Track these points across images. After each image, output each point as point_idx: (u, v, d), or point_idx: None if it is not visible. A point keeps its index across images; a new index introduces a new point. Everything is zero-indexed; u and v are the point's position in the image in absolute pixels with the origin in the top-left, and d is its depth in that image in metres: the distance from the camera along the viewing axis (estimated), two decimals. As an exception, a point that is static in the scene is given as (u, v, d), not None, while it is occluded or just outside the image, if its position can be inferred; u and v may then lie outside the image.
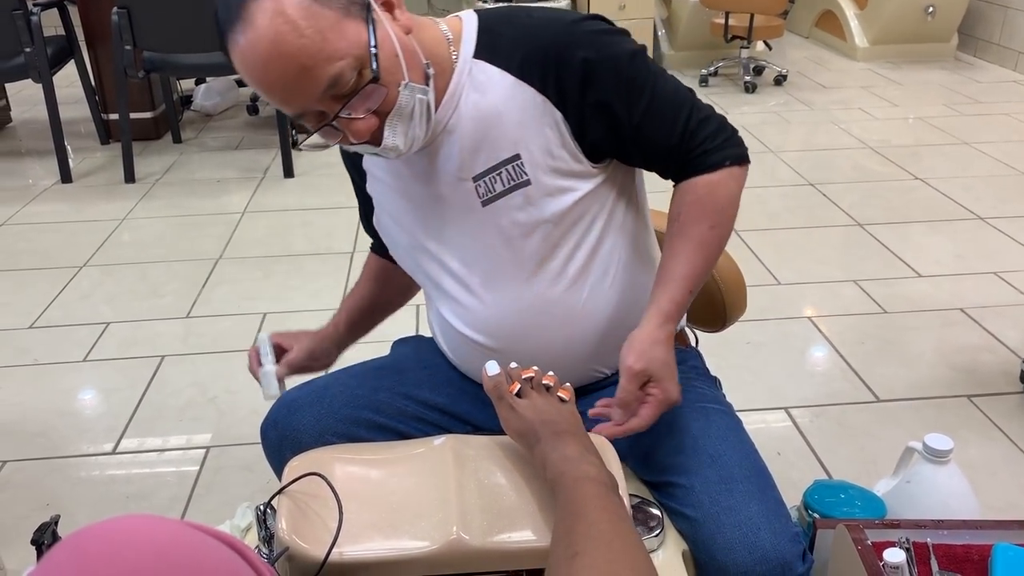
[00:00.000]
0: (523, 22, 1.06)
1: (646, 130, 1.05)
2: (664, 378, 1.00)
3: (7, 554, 1.55)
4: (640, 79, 1.04)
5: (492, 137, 1.05)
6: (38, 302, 2.61)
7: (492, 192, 1.07)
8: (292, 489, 0.95)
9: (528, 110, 1.04)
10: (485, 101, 1.04)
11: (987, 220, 3.04)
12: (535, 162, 1.05)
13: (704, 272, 1.06)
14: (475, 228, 1.09)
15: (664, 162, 1.08)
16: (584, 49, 1.02)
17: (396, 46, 0.95)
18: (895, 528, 1.04)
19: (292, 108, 0.94)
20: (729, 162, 1.07)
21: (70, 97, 4.52)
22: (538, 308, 1.10)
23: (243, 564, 0.55)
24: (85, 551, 0.50)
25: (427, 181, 1.10)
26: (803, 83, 5.01)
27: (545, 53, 1.03)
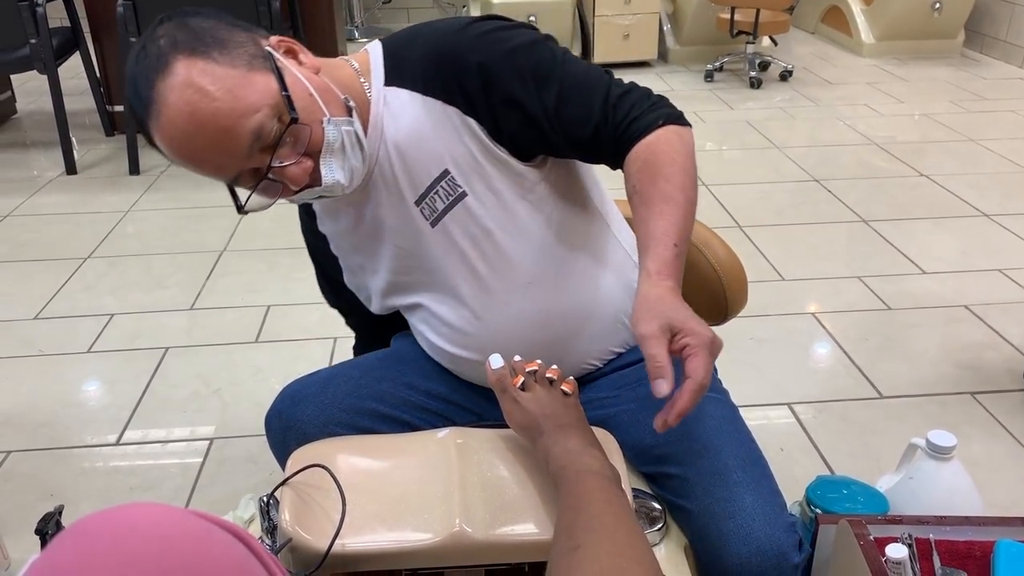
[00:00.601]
0: (420, 39, 1.07)
1: (565, 115, 1.03)
2: (686, 320, 0.86)
3: (11, 544, 1.56)
4: (544, 66, 1.03)
5: (418, 159, 1.07)
6: (43, 293, 2.62)
7: (436, 211, 1.08)
8: (295, 480, 0.95)
9: (442, 124, 1.05)
10: (403, 125, 1.06)
11: (992, 217, 3.03)
12: (465, 173, 1.06)
13: (681, 225, 0.96)
14: (433, 249, 1.11)
15: (596, 145, 1.04)
16: (477, 52, 1.02)
17: (308, 86, 0.97)
18: (897, 524, 1.04)
19: (227, 173, 0.96)
20: (662, 121, 1.01)
21: (75, 88, 4.52)
22: (514, 315, 1.11)
23: (247, 553, 0.55)
24: (90, 538, 0.50)
25: (378, 221, 1.12)
26: (809, 79, 4.99)
27: (442, 65, 1.04)
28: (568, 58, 1.05)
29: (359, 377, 1.19)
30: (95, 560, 0.49)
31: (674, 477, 1.04)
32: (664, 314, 0.87)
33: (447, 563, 0.90)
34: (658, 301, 0.89)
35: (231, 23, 0.97)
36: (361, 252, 1.19)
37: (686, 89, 4.90)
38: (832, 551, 1.11)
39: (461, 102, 1.04)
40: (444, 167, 1.06)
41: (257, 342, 2.33)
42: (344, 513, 0.89)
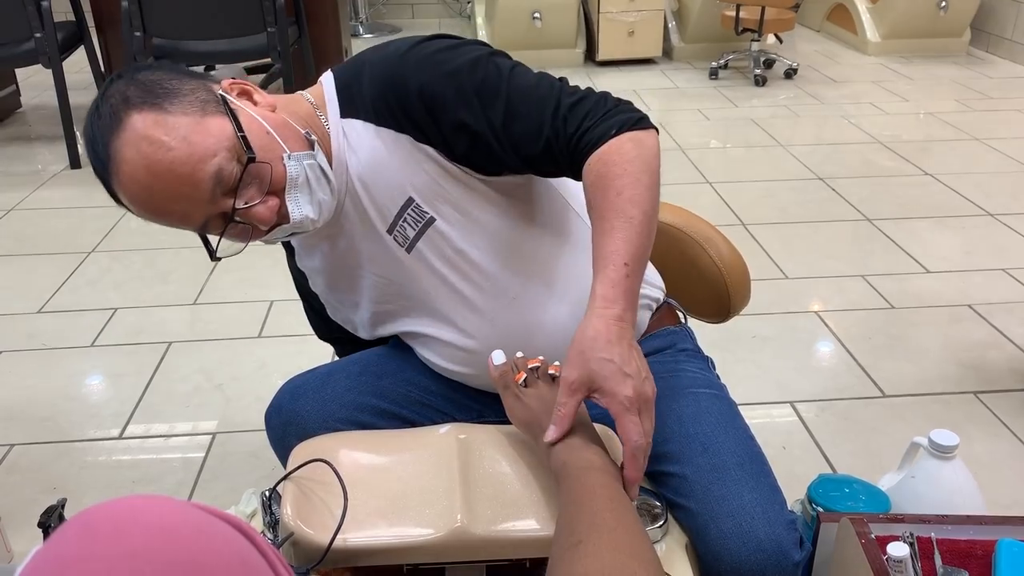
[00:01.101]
0: (367, 67, 1.05)
1: (513, 132, 1.00)
2: (607, 379, 0.83)
3: (14, 536, 1.56)
4: (489, 84, 1.00)
5: (381, 189, 1.06)
6: (46, 287, 2.62)
7: (407, 238, 1.08)
8: (297, 475, 0.95)
9: (398, 152, 1.04)
10: (363, 157, 1.06)
11: (996, 216, 3.02)
12: (428, 198, 1.05)
13: (635, 242, 0.91)
14: (414, 274, 1.11)
15: (550, 160, 1.01)
16: (418, 77, 1.01)
17: (264, 124, 0.97)
18: (899, 522, 1.04)
19: (194, 221, 0.95)
20: (615, 131, 0.96)
21: (80, 83, 4.52)
22: (503, 329, 1.10)
23: (249, 546, 0.55)
24: (93, 528, 0.51)
25: (354, 252, 1.12)
26: (813, 77, 4.98)
27: (385, 93, 1.03)
28: (517, 72, 1.02)
29: (359, 373, 1.19)
30: (97, 552, 0.49)
31: (673, 475, 1.04)
32: (590, 363, 0.85)
33: (448, 559, 0.90)
34: (591, 342, 0.85)
35: (181, 72, 0.98)
36: (339, 286, 1.19)
37: (690, 86, 4.89)
38: (833, 549, 1.11)
39: (411, 129, 1.03)
40: (407, 195, 1.05)
41: (260, 337, 2.33)
42: (346, 508, 0.89)
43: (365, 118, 1.05)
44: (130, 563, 0.49)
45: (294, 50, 3.74)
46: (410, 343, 1.21)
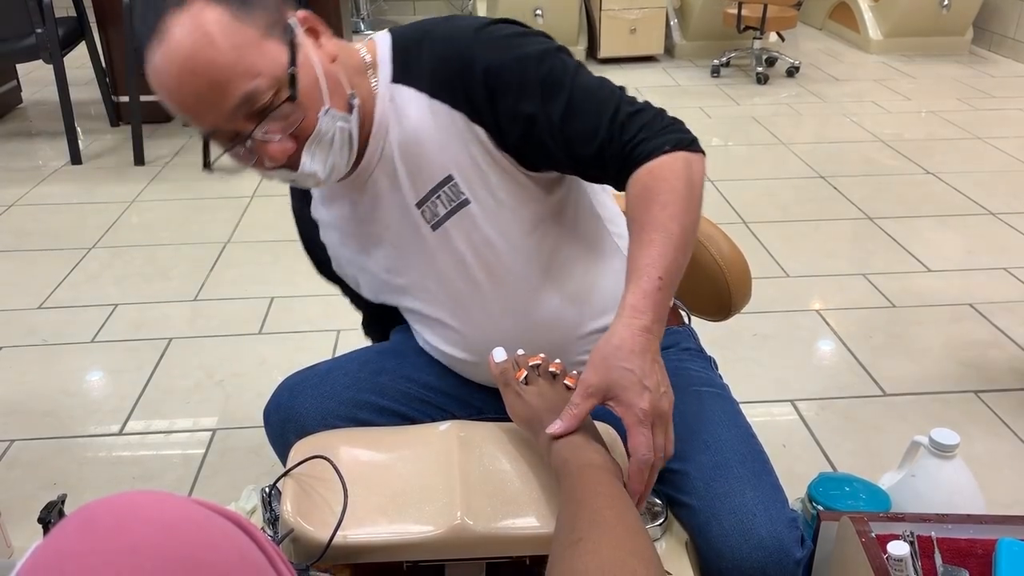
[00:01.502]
0: (430, 39, 1.03)
1: (569, 130, 0.99)
2: (626, 390, 0.84)
3: (15, 532, 1.56)
4: (554, 77, 0.99)
5: (422, 161, 1.04)
6: (47, 283, 2.62)
7: (437, 216, 1.06)
8: (297, 472, 0.95)
9: (448, 129, 1.02)
10: (408, 126, 1.03)
11: (998, 215, 3.02)
12: (469, 180, 1.04)
13: (671, 257, 0.91)
14: (433, 253, 1.09)
15: (598, 164, 1.01)
16: (486, 57, 0.99)
17: (318, 71, 0.95)
18: (899, 521, 1.03)
19: (203, 124, 0.93)
20: (669, 147, 0.97)
21: (80, 79, 4.52)
22: (510, 321, 1.10)
23: (249, 541, 0.55)
24: (93, 523, 0.51)
25: (375, 217, 1.10)
26: (815, 75, 4.98)
27: (449, 68, 1.01)
28: (581, 71, 1.02)
29: (358, 370, 1.18)
30: (97, 546, 0.49)
31: (675, 472, 1.04)
32: (611, 371, 0.85)
33: (448, 556, 0.91)
34: (615, 350, 0.86)
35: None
36: (351, 245, 1.18)
37: (692, 84, 4.89)
38: (834, 548, 1.11)
39: (467, 108, 1.01)
40: (448, 172, 1.04)
41: (260, 333, 2.33)
42: (346, 505, 0.89)
43: (419, 87, 1.03)
44: (130, 558, 0.49)
45: (295, 46, 3.73)
46: (410, 320, 1.21)
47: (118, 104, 4.09)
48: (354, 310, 1.43)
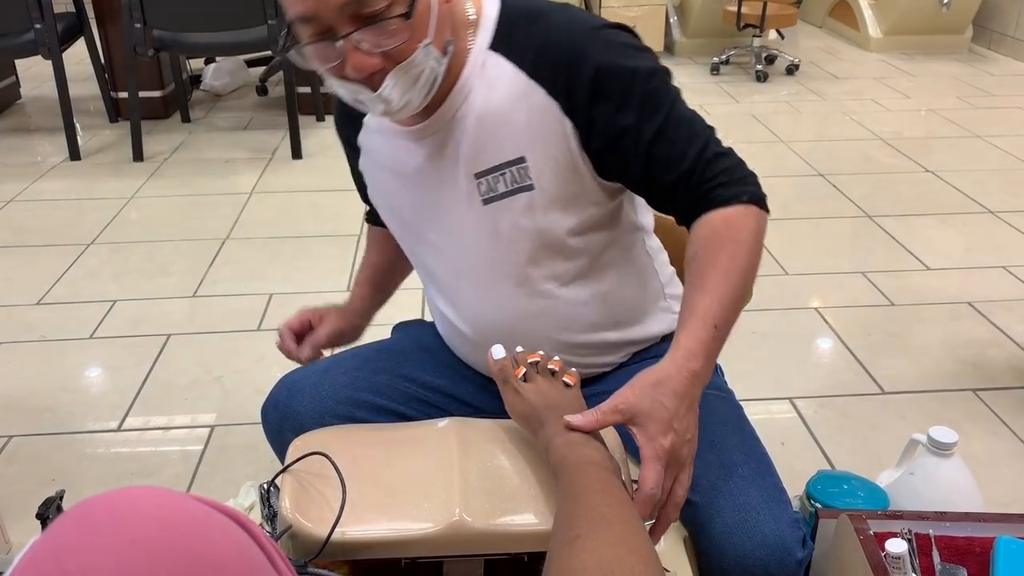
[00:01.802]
0: (543, 20, 1.01)
1: (657, 151, 0.99)
2: (650, 424, 0.84)
3: (13, 528, 1.56)
4: (657, 98, 0.99)
5: (499, 136, 1.02)
6: (46, 279, 2.62)
7: (494, 192, 1.04)
8: (296, 468, 0.95)
9: (537, 113, 1.00)
10: (495, 97, 1.01)
11: (997, 214, 3.02)
12: (540, 168, 1.02)
13: (728, 307, 0.93)
14: (473, 224, 1.07)
15: (673, 191, 1.01)
16: (600, 57, 0.98)
17: (433, 3, 0.92)
18: (897, 519, 1.04)
19: (306, 6, 0.87)
20: (747, 198, 0.98)
21: (79, 74, 4.51)
22: (523, 310, 1.10)
23: (247, 537, 0.55)
24: (91, 518, 0.51)
25: (429, 169, 1.07)
26: (815, 73, 4.98)
27: (559, 56, 0.99)
28: (680, 99, 1.02)
29: (356, 369, 1.18)
30: (95, 541, 0.49)
31: None
32: (646, 399, 0.85)
33: (446, 552, 0.90)
34: (659, 383, 0.87)
35: None
36: (394, 186, 1.13)
37: (692, 82, 4.88)
38: (832, 545, 1.11)
39: (564, 99, 0.99)
40: (523, 154, 1.02)
41: (259, 330, 2.33)
42: (344, 501, 0.89)
43: (519, 64, 1.00)
44: (127, 553, 0.49)
45: (295, 43, 3.72)
46: (427, 283, 1.19)
47: (117, 100, 4.09)
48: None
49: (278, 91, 4.54)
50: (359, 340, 1.35)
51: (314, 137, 3.89)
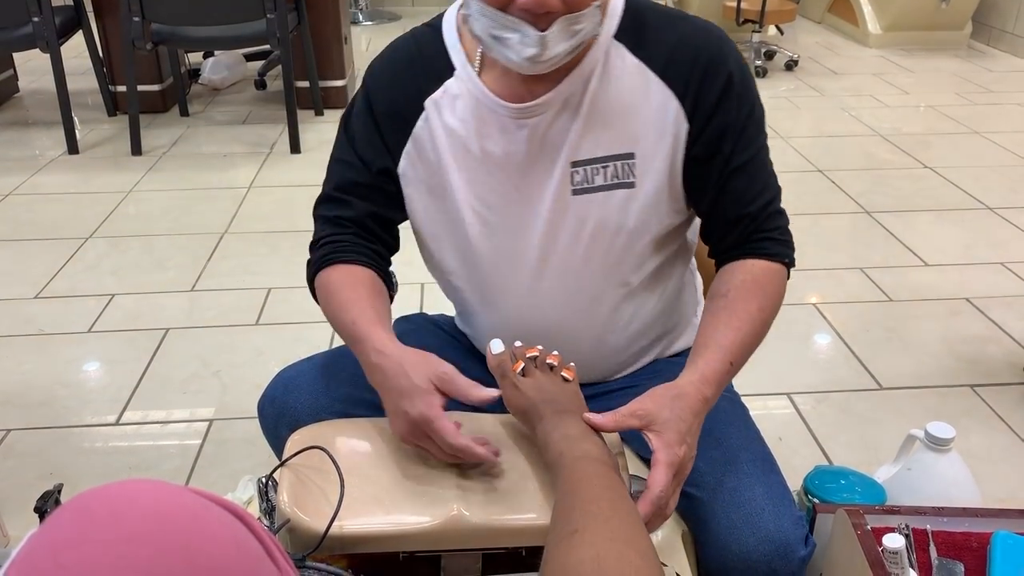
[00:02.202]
0: (683, 20, 1.02)
1: (735, 184, 1.02)
2: (667, 432, 0.86)
3: (11, 522, 1.57)
4: (756, 132, 1.02)
5: (612, 128, 1.00)
6: (44, 272, 2.62)
7: (589, 183, 1.01)
8: (294, 462, 0.95)
9: (660, 113, 0.99)
10: (613, 88, 0.99)
11: (996, 210, 3.02)
12: (647, 167, 1.01)
13: (744, 353, 0.99)
14: (552, 213, 1.03)
15: (729, 227, 1.04)
16: (734, 66, 0.99)
17: None
18: (895, 514, 1.04)
19: None
20: (787, 261, 1.06)
21: (77, 68, 4.50)
22: (575, 308, 1.08)
23: (245, 531, 0.55)
24: (89, 513, 0.50)
25: (521, 152, 1.02)
26: (814, 69, 4.97)
27: (696, 58, 0.99)
28: (767, 146, 1.06)
29: (354, 367, 1.16)
30: (93, 535, 0.49)
31: None
32: (666, 409, 0.88)
33: (444, 547, 0.90)
34: (677, 399, 0.90)
35: None
36: (446, 168, 1.04)
37: (691, 77, 4.88)
38: (829, 540, 1.11)
39: (690, 103, 0.99)
40: (632, 150, 1.00)
41: (257, 324, 2.33)
42: (342, 495, 0.89)
43: (647, 61, 0.99)
44: (126, 547, 0.49)
45: (293, 37, 3.72)
46: (457, 276, 1.13)
47: (115, 94, 4.08)
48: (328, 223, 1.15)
49: (276, 85, 4.54)
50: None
51: (312, 131, 3.88)
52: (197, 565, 0.50)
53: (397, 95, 1.06)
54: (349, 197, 1.10)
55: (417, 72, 1.06)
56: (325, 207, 1.14)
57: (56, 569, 0.48)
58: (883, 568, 0.92)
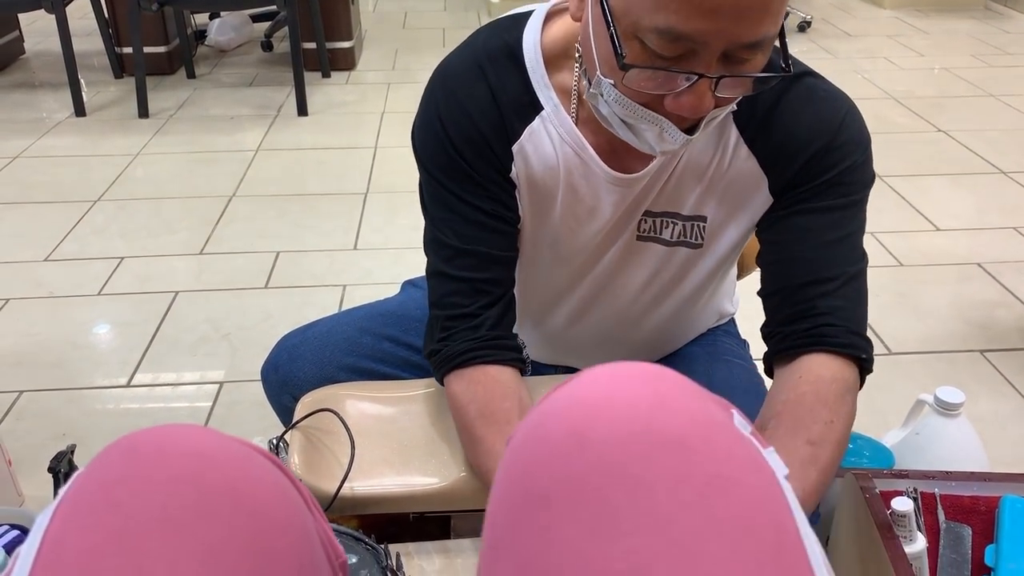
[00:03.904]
0: (784, 97, 0.91)
1: (824, 254, 0.89)
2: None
3: (25, 481, 1.59)
4: (852, 211, 0.90)
5: (690, 185, 0.91)
6: (53, 235, 2.62)
7: (654, 232, 0.95)
8: (304, 424, 0.96)
9: (741, 178, 0.91)
10: (701, 150, 0.90)
11: (1009, 174, 2.99)
12: (717, 233, 0.95)
13: (810, 499, 0.81)
14: (616, 252, 0.98)
15: (783, 302, 0.93)
16: (853, 158, 0.90)
17: None
18: (903, 478, 1.04)
19: (698, 24, 0.68)
20: (864, 357, 0.91)
21: (83, 29, 4.47)
22: (612, 333, 1.10)
23: (286, 480, 0.57)
24: (137, 452, 0.52)
25: (610, 210, 0.93)
26: (827, 30, 4.90)
27: (790, 143, 0.89)
28: (862, 220, 0.93)
29: (359, 335, 1.15)
30: (142, 473, 0.50)
31: None
32: None
33: (454, 507, 0.91)
34: None
35: None
36: (548, 203, 0.95)
37: (702, 39, 4.81)
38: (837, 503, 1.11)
39: (777, 179, 0.89)
40: (706, 214, 0.93)
41: (267, 288, 2.33)
42: (353, 457, 0.90)
43: (741, 128, 0.89)
44: (175, 487, 0.50)
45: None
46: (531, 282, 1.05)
47: (121, 55, 4.05)
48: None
49: (283, 47, 4.50)
50: None
51: (320, 94, 3.86)
52: (242, 507, 0.51)
53: (479, 140, 0.90)
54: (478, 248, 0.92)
55: (508, 122, 0.90)
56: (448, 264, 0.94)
57: (109, 506, 0.49)
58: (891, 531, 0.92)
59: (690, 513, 0.44)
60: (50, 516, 0.50)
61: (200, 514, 0.49)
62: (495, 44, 0.90)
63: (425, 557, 0.86)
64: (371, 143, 3.33)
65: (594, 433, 0.47)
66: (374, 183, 2.96)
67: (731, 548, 0.44)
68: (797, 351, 0.89)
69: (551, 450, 0.47)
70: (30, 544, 0.49)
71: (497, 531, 0.50)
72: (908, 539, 0.93)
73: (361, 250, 2.49)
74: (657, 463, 0.45)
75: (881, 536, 0.90)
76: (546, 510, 0.46)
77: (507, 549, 0.48)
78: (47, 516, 0.50)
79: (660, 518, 0.44)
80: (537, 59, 0.88)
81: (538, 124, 0.90)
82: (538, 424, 0.50)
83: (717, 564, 0.43)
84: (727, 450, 0.48)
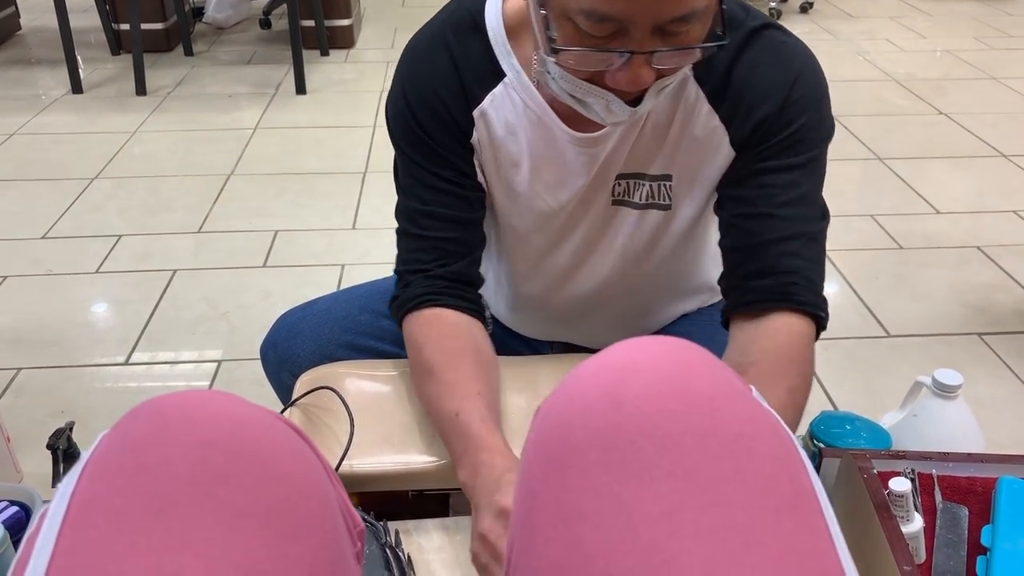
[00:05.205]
0: (744, 51, 0.90)
1: (786, 210, 0.90)
2: None
3: (24, 458, 1.59)
4: (811, 166, 0.91)
5: (655, 144, 0.93)
6: (50, 213, 2.61)
7: (627, 196, 0.97)
8: (303, 402, 0.96)
9: (705, 136, 0.92)
10: (662, 105, 0.90)
11: (1010, 157, 2.98)
12: (684, 192, 0.95)
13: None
14: (593, 217, 0.99)
15: (747, 259, 0.91)
16: (808, 115, 0.90)
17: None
18: (901, 459, 1.04)
19: (617, 5, 0.71)
20: (821, 314, 0.93)
21: (80, 5, 4.43)
22: (598, 300, 1.10)
23: (308, 449, 0.57)
24: (164, 415, 0.52)
25: (583, 176, 0.96)
26: (829, 11, 4.87)
27: (755, 96, 0.89)
28: (820, 170, 0.93)
29: (358, 313, 1.15)
30: (168, 436, 0.51)
31: None
32: None
33: (453, 485, 0.91)
34: None
35: None
36: (523, 165, 0.96)
37: (703, 19, 4.79)
38: (835, 484, 1.12)
39: (737, 132, 0.90)
40: (670, 172, 0.94)
41: (265, 266, 2.33)
42: (352, 434, 0.90)
43: (700, 82, 0.90)
44: (202, 451, 0.50)
45: (298, -26, 3.64)
46: (500, 259, 1.12)
47: (118, 32, 4.02)
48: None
49: (281, 24, 4.46)
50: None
51: (318, 72, 3.83)
52: (268, 473, 0.52)
53: (440, 108, 0.93)
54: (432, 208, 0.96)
55: (461, 78, 0.93)
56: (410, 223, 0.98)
57: (139, 468, 0.49)
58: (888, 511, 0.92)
59: (715, 464, 0.48)
60: (76, 477, 0.50)
61: (228, 478, 0.49)
62: (459, 16, 0.93)
63: (424, 534, 0.86)
64: (370, 122, 3.32)
65: (626, 393, 0.51)
66: (373, 162, 2.95)
67: (753, 495, 0.48)
68: (762, 305, 0.90)
69: (586, 407, 0.51)
70: (57, 505, 0.49)
71: (533, 483, 0.53)
72: (905, 519, 0.93)
73: (360, 229, 2.48)
74: (685, 419, 0.49)
75: (879, 516, 0.90)
76: (583, 459, 0.50)
77: (544, 496, 0.51)
78: (73, 476, 0.50)
79: (688, 467, 0.48)
80: (499, 28, 0.91)
81: (501, 90, 0.92)
82: (572, 387, 0.54)
83: (740, 509, 0.47)
84: (749, 412, 0.52)
